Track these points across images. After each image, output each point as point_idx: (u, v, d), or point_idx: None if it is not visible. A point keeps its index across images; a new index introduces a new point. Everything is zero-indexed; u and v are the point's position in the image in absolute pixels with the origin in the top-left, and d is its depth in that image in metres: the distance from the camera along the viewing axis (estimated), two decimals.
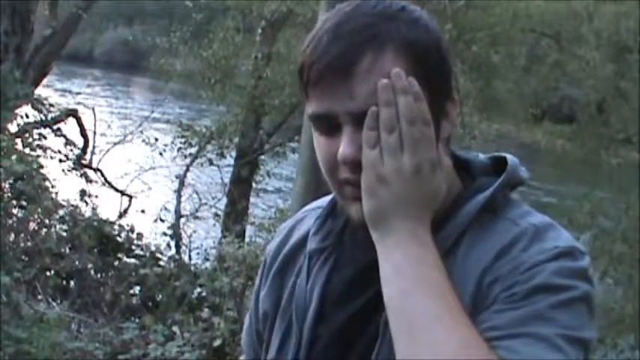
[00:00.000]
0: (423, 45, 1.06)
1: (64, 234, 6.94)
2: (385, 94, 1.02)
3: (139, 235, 7.34)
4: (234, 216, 10.51)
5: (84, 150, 9.91)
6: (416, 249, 1.02)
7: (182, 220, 9.56)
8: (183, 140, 11.14)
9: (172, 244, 8.36)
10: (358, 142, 1.04)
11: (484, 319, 1.01)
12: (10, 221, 6.63)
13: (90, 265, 6.74)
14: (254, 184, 11.69)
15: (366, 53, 1.03)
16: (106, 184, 10.02)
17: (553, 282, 1.01)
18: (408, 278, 1.00)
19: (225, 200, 11.16)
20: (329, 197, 1.24)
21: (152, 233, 8.32)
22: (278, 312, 1.23)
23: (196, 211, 10.29)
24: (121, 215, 9.24)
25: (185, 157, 10.98)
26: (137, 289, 6.81)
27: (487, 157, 1.19)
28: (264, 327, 1.26)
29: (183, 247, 8.62)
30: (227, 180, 11.36)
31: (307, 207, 1.32)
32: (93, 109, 10.53)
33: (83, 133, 9.95)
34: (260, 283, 1.30)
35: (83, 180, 9.21)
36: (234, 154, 11.35)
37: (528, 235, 1.05)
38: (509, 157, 1.15)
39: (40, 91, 10.30)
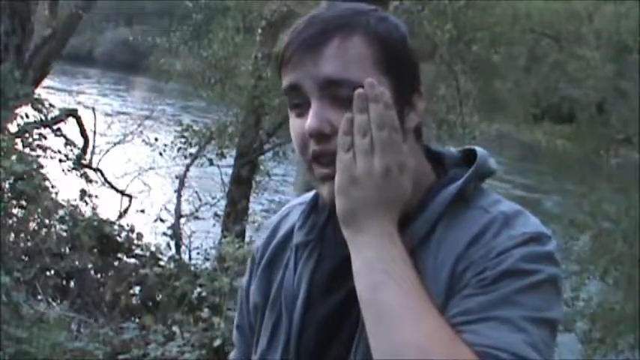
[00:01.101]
0: (390, 38, 1.14)
1: (64, 234, 6.94)
2: (359, 101, 1.10)
3: (139, 235, 7.34)
4: (234, 216, 10.51)
5: (84, 150, 9.92)
6: (385, 246, 1.08)
7: (182, 220, 9.56)
8: (183, 140, 11.15)
9: (172, 244, 8.36)
10: (324, 115, 1.12)
11: (454, 303, 1.07)
12: (10, 221, 6.63)
13: (90, 265, 6.74)
14: (254, 184, 11.69)
15: (336, 36, 1.12)
16: (106, 184, 10.03)
17: (520, 267, 1.07)
18: (378, 273, 1.07)
19: (225, 200, 11.17)
20: (312, 193, 1.30)
21: (152, 233, 8.33)
22: (267, 304, 1.28)
23: (196, 211, 10.30)
24: (121, 215, 9.25)
25: (185, 157, 10.98)
26: (137, 289, 6.81)
27: (458, 150, 1.26)
28: (255, 319, 1.32)
29: (183, 247, 8.62)
30: (227, 180, 11.37)
31: (291, 203, 1.39)
32: (93, 109, 10.54)
33: (83, 133, 9.96)
34: (250, 278, 1.36)
35: (83, 180, 9.21)
36: (234, 154, 11.35)
37: (498, 222, 1.12)
38: (479, 149, 1.22)
39: (40, 91, 10.30)
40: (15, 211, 6.75)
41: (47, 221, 6.93)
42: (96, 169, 9.97)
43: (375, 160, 1.09)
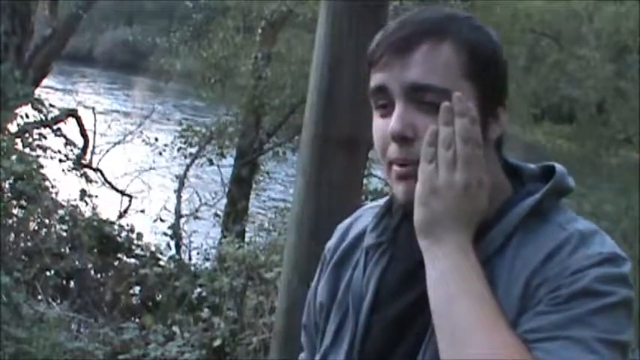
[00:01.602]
0: (482, 48, 1.16)
1: (64, 234, 6.94)
2: (446, 114, 1.11)
3: (139, 235, 7.34)
4: (234, 216, 10.50)
5: (84, 150, 9.91)
6: (460, 259, 1.10)
7: (182, 220, 9.55)
8: (183, 140, 11.14)
9: (172, 244, 8.36)
10: (407, 119, 1.13)
11: (527, 320, 1.08)
12: (10, 221, 6.63)
13: (90, 265, 6.74)
14: (254, 184, 11.68)
15: (426, 41, 1.14)
16: (106, 184, 10.02)
17: (595, 287, 1.07)
18: (453, 285, 1.09)
19: (225, 200, 11.16)
20: (386, 197, 1.31)
21: (152, 233, 8.32)
22: (334, 303, 1.30)
23: (196, 211, 10.29)
24: (121, 215, 9.23)
25: (185, 157, 10.98)
26: (137, 289, 6.81)
27: (536, 165, 1.26)
28: (320, 317, 1.34)
29: (183, 247, 8.62)
30: (227, 180, 11.36)
31: (365, 206, 1.40)
32: (93, 109, 10.53)
33: (83, 133, 9.96)
34: (318, 278, 1.38)
35: (83, 180, 9.21)
36: (234, 154, 11.35)
37: (574, 240, 1.12)
38: (558, 166, 1.22)
39: (40, 91, 10.29)
40: (15, 211, 6.75)
41: (47, 221, 6.93)
42: (96, 169, 9.96)
43: (457, 173, 1.11)
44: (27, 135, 8.25)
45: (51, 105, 8.93)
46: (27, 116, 8.51)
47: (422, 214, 1.12)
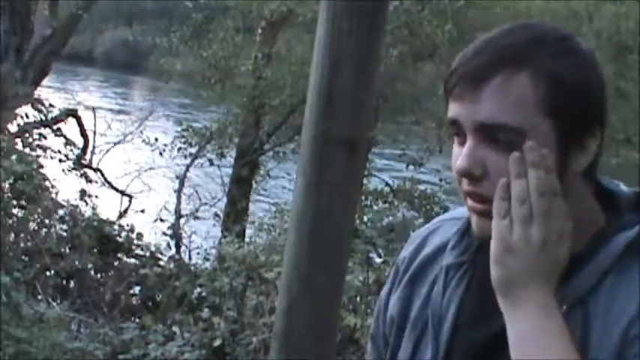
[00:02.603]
0: (565, 77, 1.05)
1: (64, 234, 6.94)
2: (517, 166, 1.04)
3: (139, 235, 7.34)
4: (234, 216, 10.51)
5: (84, 150, 9.92)
6: (540, 318, 1.04)
7: (182, 220, 9.56)
8: (183, 140, 11.15)
9: (172, 244, 8.36)
10: (476, 156, 1.06)
11: None
12: (10, 221, 6.63)
13: (90, 265, 6.74)
14: (254, 184, 11.69)
15: (500, 73, 1.05)
16: (106, 184, 10.03)
17: None
18: (533, 346, 1.04)
19: (225, 200, 11.17)
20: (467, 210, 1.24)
21: (152, 233, 8.32)
22: (407, 319, 1.25)
23: (196, 211, 10.30)
24: (121, 215, 9.24)
25: (185, 157, 10.98)
26: (137, 289, 6.81)
27: (632, 191, 1.17)
28: (391, 332, 1.28)
29: (183, 247, 8.62)
30: (227, 180, 11.36)
31: (442, 217, 1.34)
32: (93, 109, 10.54)
33: (83, 133, 9.96)
34: (391, 288, 1.31)
35: (83, 180, 9.21)
36: (234, 154, 11.35)
37: None
38: None
39: (40, 91, 10.30)
40: (15, 211, 6.75)
41: (47, 221, 6.93)
42: (96, 169, 9.97)
43: (533, 228, 1.04)
44: (27, 135, 8.26)
45: (51, 105, 8.94)
46: (27, 116, 8.52)
47: (498, 273, 1.06)
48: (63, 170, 9.11)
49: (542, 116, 1.05)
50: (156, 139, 11.00)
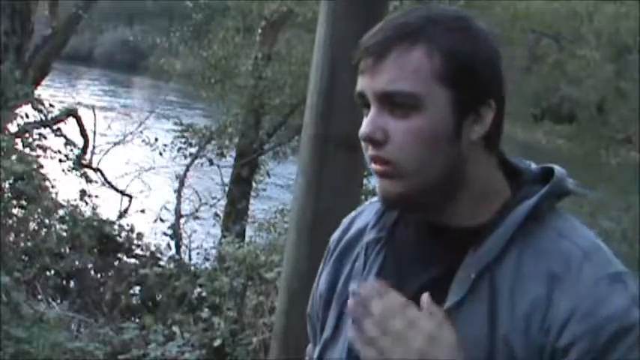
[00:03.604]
0: (458, 50, 1.14)
1: (64, 234, 6.93)
2: (357, 311, 1.13)
3: (139, 235, 7.34)
4: (234, 216, 10.51)
5: (84, 150, 9.91)
6: None
7: (182, 220, 9.55)
8: (183, 140, 11.14)
9: (172, 244, 8.35)
10: (378, 123, 1.15)
11: None
12: (10, 221, 6.63)
13: (90, 265, 6.74)
14: (254, 184, 11.68)
15: (398, 46, 1.14)
16: (106, 184, 10.02)
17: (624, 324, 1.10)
18: None
19: (225, 200, 11.16)
20: None
21: (152, 233, 8.32)
22: (334, 294, 1.33)
23: (196, 211, 10.29)
24: (121, 215, 9.23)
25: (185, 157, 10.98)
26: (137, 289, 6.81)
27: (537, 167, 1.25)
28: (320, 307, 1.37)
29: (183, 247, 8.61)
30: (227, 180, 11.36)
31: (368, 201, 1.42)
32: (93, 109, 10.53)
33: (83, 133, 9.95)
34: (322, 269, 1.41)
35: (83, 180, 9.20)
36: (234, 154, 11.34)
37: (577, 260, 1.13)
38: (557, 168, 1.22)
39: (40, 91, 10.29)
40: (15, 211, 6.75)
41: (47, 221, 6.93)
42: (96, 169, 9.96)
43: (405, 347, 1.09)
44: (27, 135, 8.25)
45: (51, 105, 8.93)
46: (27, 116, 8.51)
47: None
48: (63, 170, 9.10)
49: (437, 85, 1.13)
50: (156, 139, 10.99)
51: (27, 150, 7.81)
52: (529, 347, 1.10)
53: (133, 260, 7.08)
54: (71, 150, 9.37)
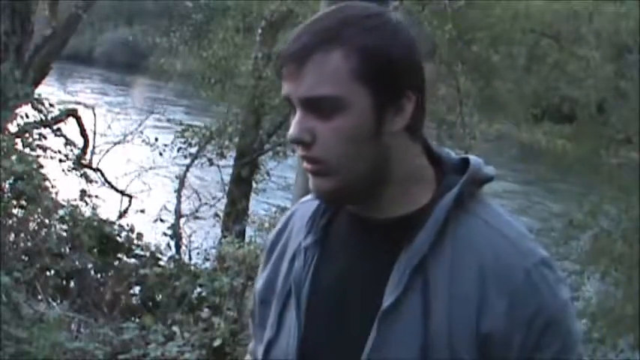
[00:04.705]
0: (371, 48, 1.17)
1: (64, 234, 6.93)
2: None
3: (139, 235, 7.33)
4: (234, 216, 10.52)
5: (84, 150, 9.92)
6: None
7: (182, 220, 9.56)
8: (183, 140, 11.14)
9: (172, 244, 8.36)
10: (304, 126, 1.20)
11: None
12: (10, 221, 6.63)
13: (90, 265, 6.74)
14: (254, 184, 11.69)
15: (316, 52, 1.17)
16: (106, 184, 10.02)
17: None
18: None
19: (225, 200, 11.16)
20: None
21: (152, 233, 8.32)
22: (273, 294, 1.34)
23: (196, 211, 10.30)
24: (121, 215, 9.24)
25: (185, 157, 10.98)
26: (137, 289, 6.80)
27: (457, 156, 1.29)
28: (258, 307, 1.40)
29: (183, 247, 8.62)
30: (227, 180, 11.36)
31: (302, 199, 1.44)
32: (93, 109, 10.53)
33: (83, 133, 9.96)
34: (261, 268, 1.43)
35: (83, 180, 9.20)
36: (234, 154, 11.35)
37: (506, 253, 1.17)
38: (473, 157, 1.27)
39: (40, 91, 10.29)
40: (15, 211, 6.74)
41: (47, 221, 6.92)
42: (96, 169, 9.97)
43: None
44: (27, 135, 8.25)
45: (51, 105, 8.93)
46: (27, 116, 8.51)
47: None
48: (63, 170, 9.10)
49: (356, 84, 1.17)
50: (156, 139, 10.99)
51: (27, 150, 7.81)
52: (467, 341, 1.13)
53: (133, 260, 7.08)
54: (71, 150, 9.37)
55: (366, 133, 1.18)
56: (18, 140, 7.83)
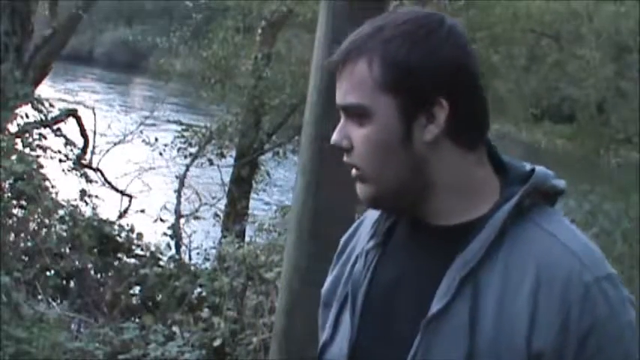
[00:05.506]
0: (395, 58, 1.18)
1: (64, 234, 6.93)
2: None
3: (139, 235, 7.33)
4: (234, 216, 10.51)
5: (84, 150, 9.91)
6: None
7: (182, 220, 9.55)
8: (183, 140, 11.14)
9: (172, 244, 8.35)
10: (343, 132, 1.23)
11: None
12: (10, 221, 6.63)
13: (90, 265, 6.73)
14: (254, 184, 11.68)
15: (348, 63, 1.22)
16: (106, 184, 10.02)
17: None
18: None
19: (225, 200, 11.16)
20: None
21: (152, 233, 8.32)
22: (334, 297, 1.36)
23: (196, 211, 10.29)
24: (121, 215, 9.23)
25: (185, 157, 10.97)
26: (137, 289, 6.80)
27: (528, 167, 1.25)
28: (322, 310, 1.42)
29: (183, 247, 8.61)
30: (227, 180, 11.36)
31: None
32: (93, 109, 10.52)
33: (83, 133, 9.95)
34: (330, 271, 1.45)
35: (83, 180, 9.20)
36: (234, 154, 11.34)
37: (568, 266, 1.13)
38: (539, 167, 1.24)
39: (40, 91, 10.29)
40: (15, 211, 6.74)
41: (47, 221, 6.92)
42: (96, 169, 9.96)
43: None
44: (27, 135, 8.24)
45: (51, 105, 8.92)
46: (27, 116, 8.51)
47: None
48: (63, 170, 9.10)
49: (381, 94, 1.19)
50: (156, 139, 10.99)
51: (27, 150, 7.80)
52: (515, 353, 1.11)
53: (133, 260, 7.07)
54: (71, 150, 9.36)
55: (395, 142, 1.19)
56: (18, 140, 7.83)
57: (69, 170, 9.24)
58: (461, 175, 1.21)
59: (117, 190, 10.10)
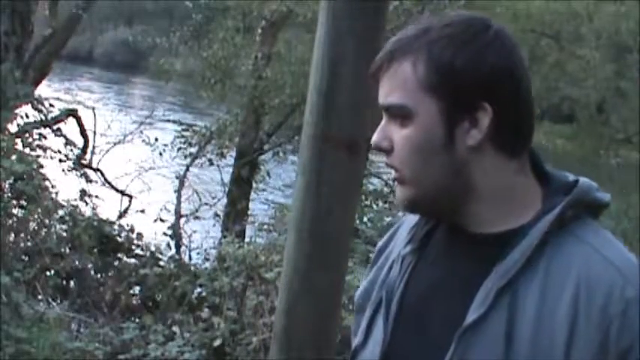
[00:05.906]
0: (439, 59, 1.17)
1: (64, 234, 6.93)
2: None
3: (139, 235, 7.33)
4: (234, 216, 10.51)
5: (84, 150, 9.91)
6: None
7: (182, 220, 9.55)
8: (183, 140, 11.14)
9: (172, 244, 8.35)
10: (383, 133, 1.21)
11: None
12: (10, 221, 6.63)
13: (90, 265, 6.74)
14: (254, 184, 11.69)
15: (392, 62, 1.20)
16: (106, 184, 10.02)
17: None
18: None
19: (225, 200, 11.16)
20: None
21: (152, 233, 8.32)
22: (368, 301, 1.34)
23: (196, 211, 10.29)
24: (121, 215, 9.23)
25: (185, 157, 10.98)
26: (137, 289, 6.80)
27: (571, 179, 1.23)
28: (356, 314, 1.41)
29: (183, 247, 8.62)
30: (227, 180, 11.36)
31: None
32: (93, 109, 10.53)
33: (83, 133, 9.95)
34: (366, 275, 1.44)
35: (83, 180, 9.20)
36: (234, 154, 11.35)
37: (610, 281, 1.11)
38: (582, 179, 1.22)
39: (40, 91, 10.29)
40: (15, 211, 6.74)
41: (47, 221, 6.92)
42: (96, 169, 9.96)
43: None
44: (27, 135, 8.24)
45: (51, 105, 8.92)
46: (27, 116, 8.50)
47: None
48: (63, 170, 9.10)
49: (424, 95, 1.17)
50: (156, 139, 10.99)
51: (27, 150, 7.81)
52: None
53: (133, 260, 7.08)
54: (71, 150, 9.36)
55: (437, 145, 1.17)
56: (18, 140, 7.83)
57: (69, 170, 9.24)
58: (502, 183, 1.18)
59: (117, 190, 10.11)
